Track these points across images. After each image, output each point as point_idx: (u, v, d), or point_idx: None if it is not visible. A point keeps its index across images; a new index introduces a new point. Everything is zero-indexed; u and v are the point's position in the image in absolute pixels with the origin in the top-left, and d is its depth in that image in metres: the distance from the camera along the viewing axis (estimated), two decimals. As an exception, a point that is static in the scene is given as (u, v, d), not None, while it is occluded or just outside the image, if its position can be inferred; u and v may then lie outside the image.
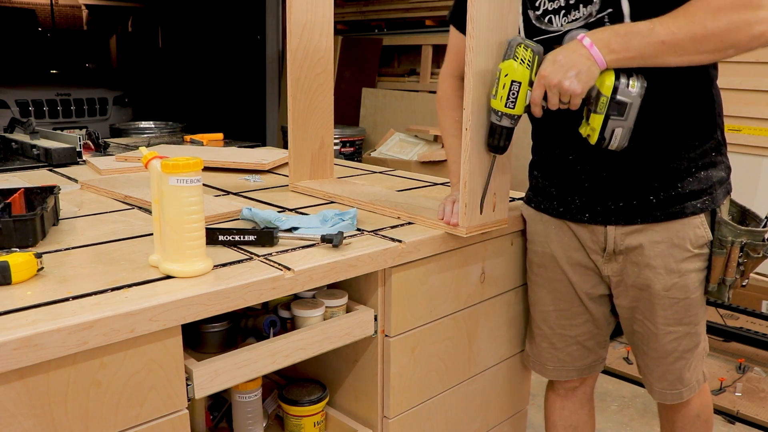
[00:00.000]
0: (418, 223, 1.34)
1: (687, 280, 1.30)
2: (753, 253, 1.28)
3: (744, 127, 3.16)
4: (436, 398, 1.41)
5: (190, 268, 1.00)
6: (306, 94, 1.59)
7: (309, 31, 1.55)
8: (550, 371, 1.52)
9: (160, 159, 1.01)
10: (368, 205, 1.46)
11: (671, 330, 1.34)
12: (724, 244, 1.27)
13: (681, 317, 1.33)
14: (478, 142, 1.21)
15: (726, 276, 1.29)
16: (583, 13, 1.19)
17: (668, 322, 1.34)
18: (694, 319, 1.34)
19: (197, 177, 0.99)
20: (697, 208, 1.26)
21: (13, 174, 1.89)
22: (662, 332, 1.35)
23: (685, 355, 1.37)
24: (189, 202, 0.99)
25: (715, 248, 1.28)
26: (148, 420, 0.95)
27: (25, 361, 0.80)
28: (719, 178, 1.28)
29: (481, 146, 1.22)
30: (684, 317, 1.33)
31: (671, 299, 1.31)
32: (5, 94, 5.35)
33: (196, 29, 7.39)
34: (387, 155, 3.73)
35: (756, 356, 2.66)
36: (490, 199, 1.27)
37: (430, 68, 4.64)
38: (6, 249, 1.07)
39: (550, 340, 1.48)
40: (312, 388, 1.40)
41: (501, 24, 1.17)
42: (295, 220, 1.25)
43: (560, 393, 1.57)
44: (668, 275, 1.30)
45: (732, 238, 1.26)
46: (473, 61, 1.15)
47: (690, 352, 1.37)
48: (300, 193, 1.62)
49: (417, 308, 1.31)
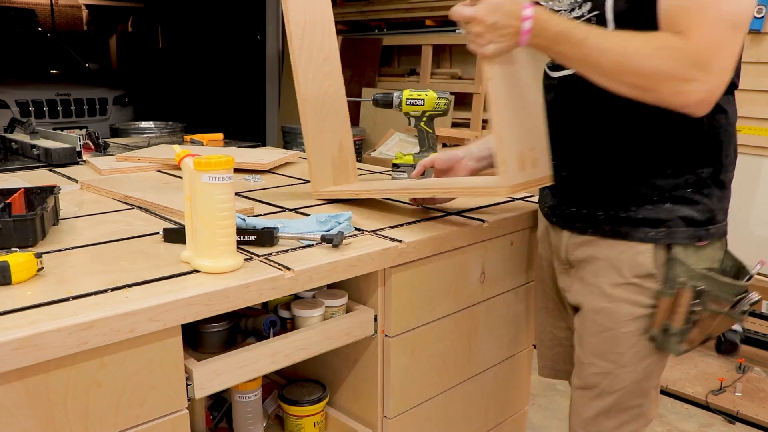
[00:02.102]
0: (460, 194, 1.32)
1: (617, 309, 1.17)
2: (714, 305, 1.13)
3: (744, 127, 3.16)
4: (436, 398, 1.41)
5: (221, 264, 1.01)
6: (316, 97, 1.52)
7: (310, 32, 1.53)
8: (541, 369, 1.52)
9: (192, 157, 1.02)
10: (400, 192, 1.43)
11: (594, 362, 1.22)
12: (674, 284, 1.12)
13: (605, 351, 1.20)
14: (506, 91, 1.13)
15: (671, 323, 1.13)
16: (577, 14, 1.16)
17: (593, 352, 1.22)
18: (619, 359, 1.19)
19: (229, 175, 1.01)
20: (648, 237, 1.13)
21: (13, 174, 1.88)
22: (587, 361, 1.24)
23: (605, 396, 1.22)
24: (220, 199, 1.00)
25: (664, 288, 1.13)
26: (148, 420, 0.95)
27: (25, 361, 0.80)
28: (689, 218, 1.12)
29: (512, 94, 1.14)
30: (608, 352, 1.19)
31: (598, 325, 1.20)
32: (5, 94, 5.35)
33: (196, 29, 7.40)
34: (387, 155, 3.73)
35: (756, 356, 2.66)
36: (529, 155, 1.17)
37: (430, 68, 4.64)
38: (6, 249, 1.06)
39: (540, 338, 1.49)
40: (312, 388, 1.40)
41: None
42: (291, 225, 1.24)
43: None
44: (599, 297, 1.19)
45: (684, 279, 1.11)
46: None
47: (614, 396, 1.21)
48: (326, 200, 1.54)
49: (417, 308, 1.31)
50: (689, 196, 1.12)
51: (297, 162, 2.13)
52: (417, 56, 4.75)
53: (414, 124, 1.75)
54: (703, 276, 1.12)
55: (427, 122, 1.74)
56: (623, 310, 1.17)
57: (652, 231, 1.13)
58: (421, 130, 1.75)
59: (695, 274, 1.12)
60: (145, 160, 1.96)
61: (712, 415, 2.36)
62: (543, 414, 2.45)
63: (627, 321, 1.17)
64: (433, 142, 1.77)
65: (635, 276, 1.15)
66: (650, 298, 1.15)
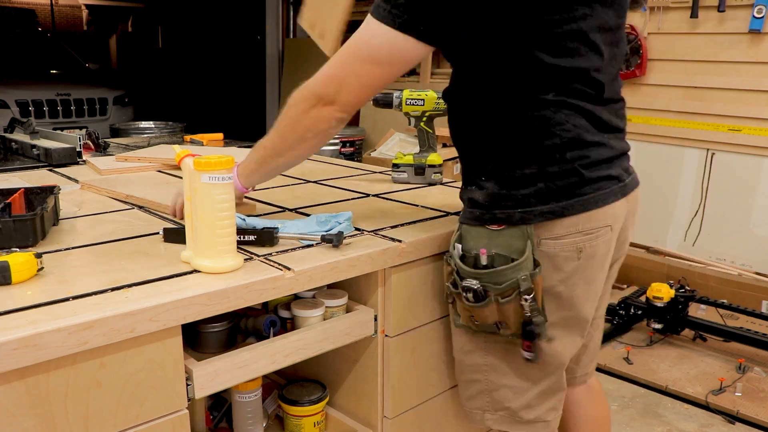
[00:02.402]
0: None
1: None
2: (452, 286, 1.18)
3: (744, 127, 3.17)
4: (436, 398, 1.41)
5: (221, 264, 1.01)
6: None
7: None
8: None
9: (192, 157, 1.02)
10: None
11: None
12: (449, 257, 1.19)
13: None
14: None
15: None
16: None
17: None
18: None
19: (229, 175, 1.01)
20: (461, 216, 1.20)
21: (13, 174, 1.89)
22: None
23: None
24: (220, 199, 1.00)
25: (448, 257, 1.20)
26: (148, 420, 0.95)
27: (25, 361, 0.80)
28: (473, 200, 1.16)
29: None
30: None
31: None
32: (5, 94, 5.35)
33: (196, 29, 7.40)
34: (387, 155, 3.73)
35: (756, 356, 2.66)
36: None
37: (430, 68, 4.64)
38: (6, 249, 1.07)
39: None
40: (312, 388, 1.40)
41: None
42: (291, 226, 1.24)
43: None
44: None
45: (452, 253, 1.18)
46: None
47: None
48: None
49: (417, 308, 1.31)
50: (479, 183, 1.16)
51: (297, 162, 2.13)
52: (417, 56, 4.75)
53: (414, 124, 1.75)
54: (452, 257, 1.17)
55: (427, 122, 1.74)
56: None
57: (462, 210, 1.21)
58: (421, 130, 1.75)
59: (453, 253, 1.17)
60: (145, 160, 1.96)
61: (712, 415, 2.36)
62: (543, 414, 2.45)
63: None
64: (433, 142, 1.77)
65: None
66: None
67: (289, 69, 5.71)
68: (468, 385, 1.30)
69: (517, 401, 1.25)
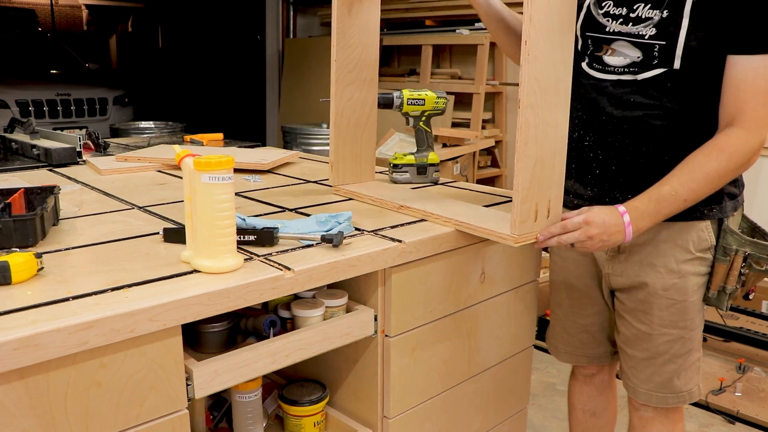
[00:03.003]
0: (459, 228, 1.30)
1: (686, 282, 1.32)
2: (756, 266, 1.30)
3: (744, 127, 3.16)
4: (436, 398, 1.41)
5: (221, 264, 1.01)
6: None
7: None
8: (562, 354, 1.60)
9: (192, 157, 1.02)
10: (418, 212, 1.39)
11: (665, 332, 1.36)
12: (728, 252, 1.30)
13: (677, 320, 1.34)
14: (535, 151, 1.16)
15: (727, 284, 1.31)
16: (634, 31, 1.24)
17: (663, 323, 1.35)
18: (690, 324, 1.35)
19: (229, 175, 1.01)
20: (704, 215, 1.29)
21: (13, 174, 1.89)
22: (657, 333, 1.36)
23: (676, 360, 1.37)
24: (220, 199, 1.00)
25: (719, 255, 1.31)
26: (148, 420, 0.95)
27: (25, 361, 0.80)
28: (729, 192, 1.31)
29: (539, 155, 1.17)
30: (680, 320, 1.34)
31: (669, 300, 1.33)
32: (5, 94, 5.35)
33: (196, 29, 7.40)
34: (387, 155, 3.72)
35: (756, 356, 2.66)
36: (544, 206, 1.22)
37: (430, 68, 4.64)
38: (6, 249, 1.07)
39: (563, 325, 1.57)
40: (312, 388, 1.40)
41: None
42: (291, 226, 1.24)
43: (579, 378, 1.65)
44: (668, 275, 1.32)
45: (736, 247, 1.29)
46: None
47: (682, 357, 1.37)
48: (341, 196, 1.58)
49: (417, 308, 1.31)
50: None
51: (297, 162, 2.14)
52: (417, 56, 4.75)
53: (413, 124, 1.75)
54: (748, 242, 1.28)
55: (425, 122, 1.75)
56: (691, 282, 1.32)
57: (706, 208, 1.28)
58: (420, 130, 1.75)
59: (743, 240, 1.28)
60: (145, 160, 1.96)
61: (712, 415, 2.36)
62: (543, 414, 2.45)
63: (695, 290, 1.33)
64: (432, 142, 1.77)
65: (699, 250, 1.31)
66: (708, 267, 1.33)
67: (289, 69, 5.70)
68: (692, 368, 1.38)
69: (699, 373, 1.42)
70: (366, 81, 1.57)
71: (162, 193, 1.61)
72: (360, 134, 1.60)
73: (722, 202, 1.30)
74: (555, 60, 1.14)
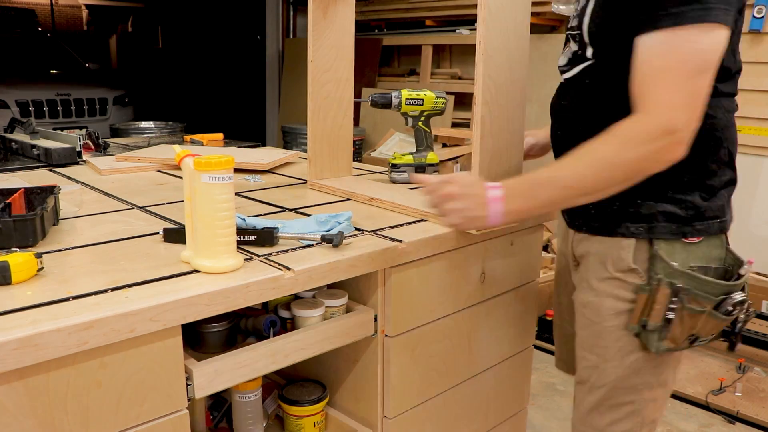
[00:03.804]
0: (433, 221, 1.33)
1: (601, 303, 1.18)
2: (693, 304, 1.10)
3: (744, 127, 3.17)
4: (436, 398, 1.41)
5: (221, 264, 1.01)
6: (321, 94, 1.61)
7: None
8: (557, 361, 1.57)
9: (192, 157, 1.02)
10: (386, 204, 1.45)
11: (584, 355, 1.24)
12: (651, 281, 1.12)
13: (592, 344, 1.21)
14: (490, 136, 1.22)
15: (649, 319, 1.12)
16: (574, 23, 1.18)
17: (583, 345, 1.25)
18: (603, 353, 1.19)
19: (229, 175, 1.01)
20: (629, 232, 1.14)
21: (13, 174, 1.89)
22: (579, 355, 1.26)
23: (595, 393, 1.22)
24: (220, 199, 1.00)
25: (640, 283, 1.13)
26: (148, 420, 0.95)
27: (25, 361, 0.80)
28: (666, 212, 1.12)
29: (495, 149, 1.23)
30: (595, 345, 1.21)
31: (586, 319, 1.23)
32: (5, 94, 5.35)
33: (196, 29, 7.40)
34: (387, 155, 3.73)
35: (756, 356, 2.66)
36: None
37: (430, 68, 4.64)
38: (6, 249, 1.07)
39: (558, 332, 1.53)
40: (312, 388, 1.40)
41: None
42: (291, 226, 1.24)
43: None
44: (588, 291, 1.21)
45: (662, 276, 1.10)
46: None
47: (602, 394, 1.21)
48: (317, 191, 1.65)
49: (417, 308, 1.31)
50: (669, 195, 1.12)
51: (297, 162, 2.14)
52: (417, 56, 4.76)
53: (412, 124, 1.75)
54: (683, 273, 1.10)
55: (425, 122, 1.75)
56: (607, 303, 1.18)
57: (633, 226, 1.14)
58: (419, 130, 1.75)
59: (674, 271, 1.10)
60: (145, 160, 1.96)
61: (712, 415, 2.36)
62: (543, 414, 2.45)
63: (610, 315, 1.17)
64: (431, 142, 1.77)
65: (618, 270, 1.16)
66: (631, 294, 1.15)
67: (289, 69, 5.71)
68: (615, 410, 1.21)
69: (659, 411, 1.25)
70: (342, 80, 1.64)
71: (162, 193, 1.61)
72: (337, 131, 1.68)
73: (653, 222, 1.12)
74: (510, 59, 1.25)
